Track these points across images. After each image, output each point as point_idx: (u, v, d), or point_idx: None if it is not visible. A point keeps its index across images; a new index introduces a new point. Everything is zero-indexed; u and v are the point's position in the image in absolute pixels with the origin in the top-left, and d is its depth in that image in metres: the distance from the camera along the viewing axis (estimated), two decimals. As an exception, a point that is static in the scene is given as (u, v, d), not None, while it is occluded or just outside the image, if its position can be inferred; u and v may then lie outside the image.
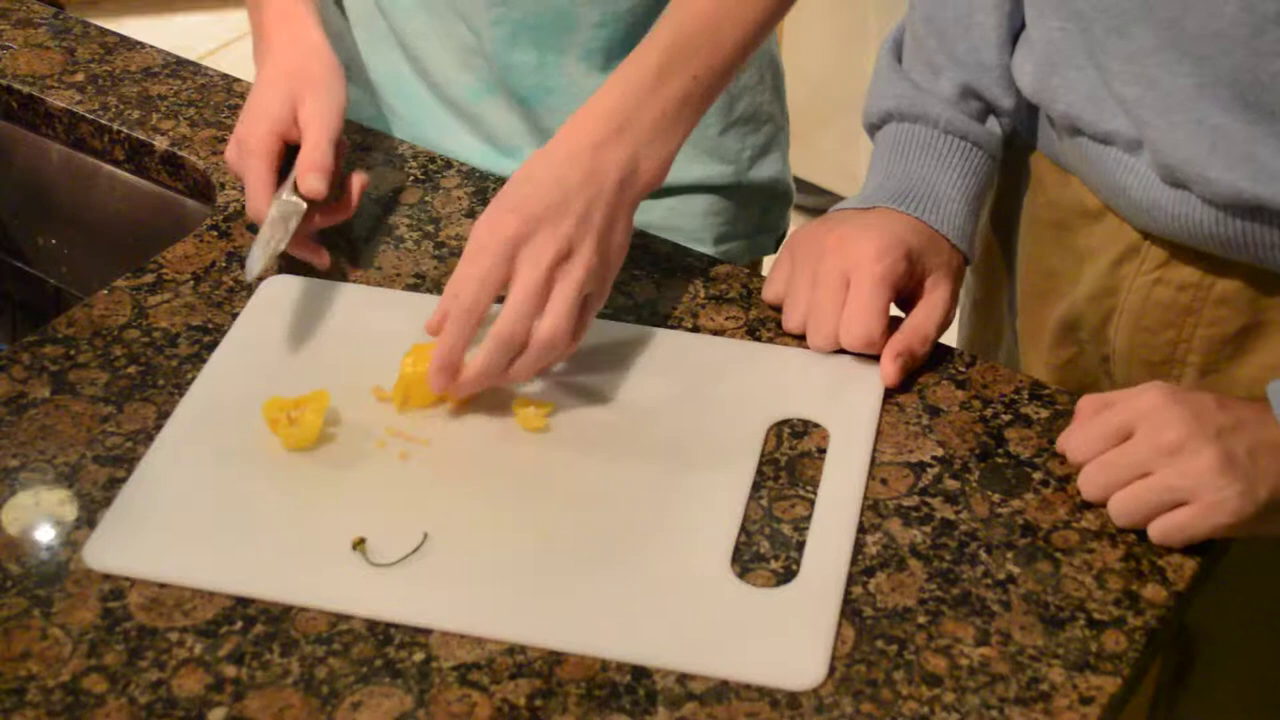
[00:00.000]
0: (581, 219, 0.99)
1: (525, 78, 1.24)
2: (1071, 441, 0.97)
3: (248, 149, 1.11)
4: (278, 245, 1.06)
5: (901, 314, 1.07)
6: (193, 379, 1.03)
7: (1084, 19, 1.01)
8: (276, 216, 1.07)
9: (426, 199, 1.20)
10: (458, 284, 0.98)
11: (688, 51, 1.04)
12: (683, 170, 1.28)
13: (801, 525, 0.94)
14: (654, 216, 1.25)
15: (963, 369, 1.06)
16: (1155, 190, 1.02)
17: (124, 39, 1.36)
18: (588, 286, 1.00)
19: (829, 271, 1.04)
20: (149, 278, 1.12)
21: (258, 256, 1.06)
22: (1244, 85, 0.95)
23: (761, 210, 1.33)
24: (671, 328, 1.08)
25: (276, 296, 1.10)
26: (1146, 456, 0.92)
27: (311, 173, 1.08)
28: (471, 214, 1.18)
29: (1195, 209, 1.01)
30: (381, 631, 0.88)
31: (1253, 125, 0.96)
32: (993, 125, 1.13)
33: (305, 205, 1.08)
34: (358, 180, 1.13)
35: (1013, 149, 1.16)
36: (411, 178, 1.22)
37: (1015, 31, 1.11)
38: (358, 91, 1.34)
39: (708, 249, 1.28)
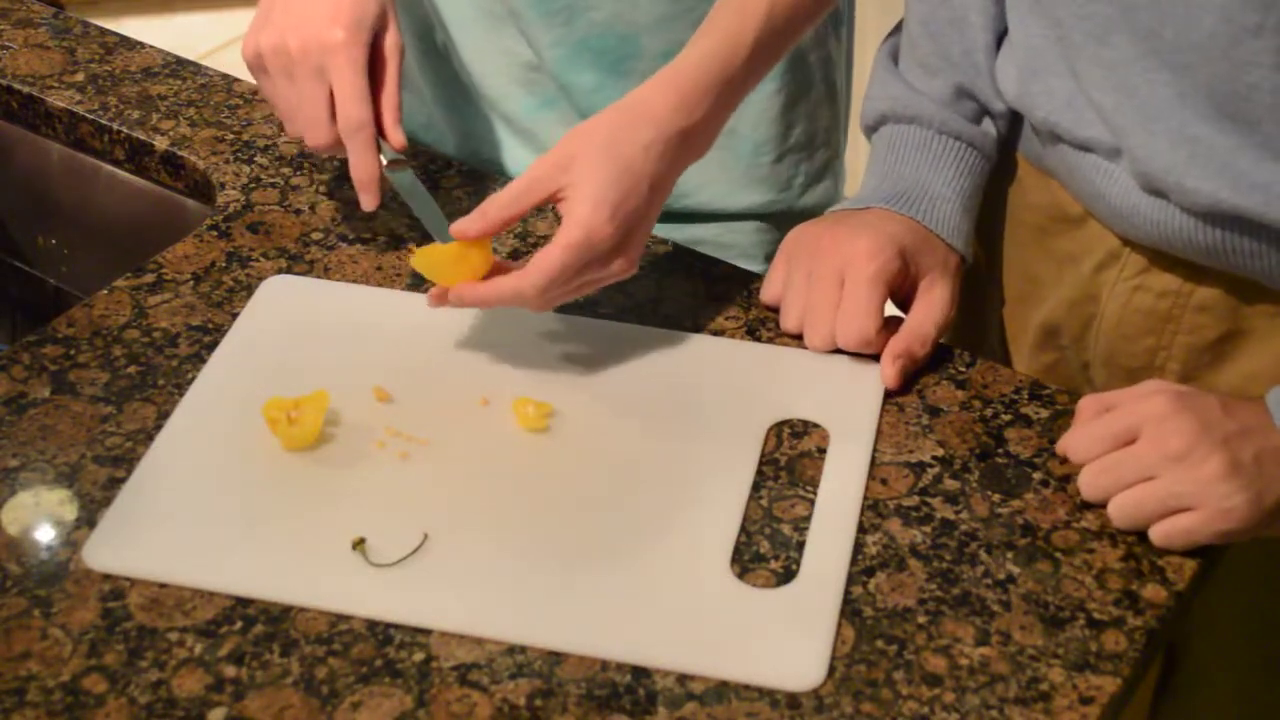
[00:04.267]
0: (648, 230, 1.02)
1: (585, 98, 1.24)
2: (1073, 442, 0.97)
3: (344, 57, 1.06)
4: (434, 212, 1.09)
5: (902, 314, 1.07)
6: (193, 379, 1.03)
7: (1063, 26, 1.01)
8: (405, 186, 1.10)
9: (426, 199, 1.20)
10: (551, 264, 0.98)
11: (764, 58, 1.05)
12: (733, 197, 1.28)
13: (801, 525, 0.94)
14: (706, 234, 1.25)
15: (963, 369, 1.06)
16: (1134, 197, 1.02)
17: (124, 39, 1.36)
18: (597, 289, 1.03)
19: (824, 271, 1.05)
20: (149, 278, 1.12)
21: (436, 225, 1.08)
22: (1222, 95, 0.95)
23: None
24: (671, 328, 1.08)
25: (276, 296, 1.10)
26: (1152, 461, 0.92)
27: (398, 124, 1.09)
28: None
29: (1174, 217, 1.01)
30: (381, 631, 0.88)
31: (1231, 135, 0.96)
32: (987, 126, 1.13)
33: (410, 162, 1.10)
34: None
35: (998, 152, 1.16)
36: (411, 178, 1.22)
37: (1005, 35, 1.11)
38: (411, 99, 1.33)
39: (759, 266, 1.27)
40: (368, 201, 1.09)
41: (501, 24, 1.23)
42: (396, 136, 1.10)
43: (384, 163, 1.10)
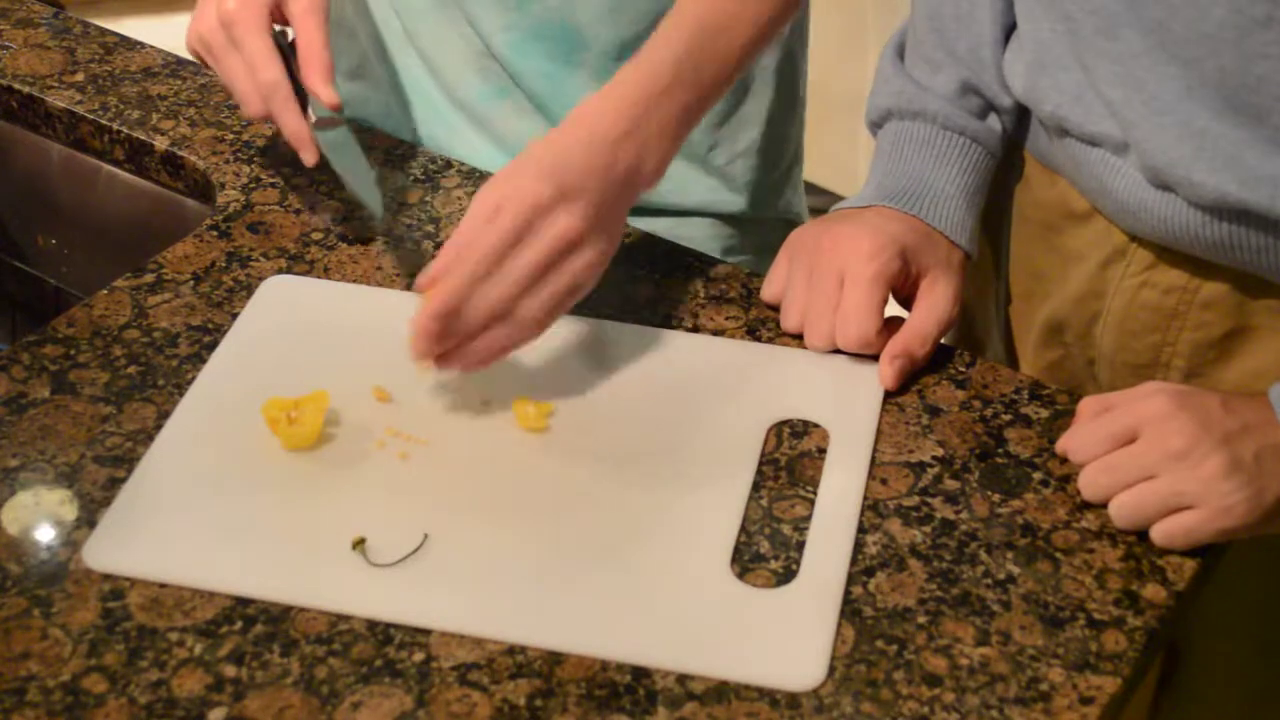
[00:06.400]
0: (597, 206, 0.99)
1: (536, 83, 1.24)
2: (1073, 442, 0.97)
3: (244, 24, 1.07)
4: (365, 171, 1.08)
5: (905, 314, 1.07)
6: (193, 379, 1.03)
7: (1072, 20, 1.01)
8: (337, 144, 1.08)
9: (427, 199, 1.20)
10: (469, 235, 0.96)
11: (700, 58, 1.04)
12: (684, 193, 1.28)
13: (801, 525, 0.94)
14: (658, 227, 1.25)
15: (963, 369, 1.05)
16: (1142, 192, 1.02)
17: (124, 39, 1.36)
18: (580, 278, 1.00)
19: (824, 271, 1.05)
20: (149, 278, 1.12)
21: (370, 197, 1.07)
22: (1231, 88, 0.95)
23: (770, 234, 1.32)
24: (671, 328, 1.08)
25: (276, 296, 1.10)
26: (1152, 461, 0.92)
27: (327, 83, 1.08)
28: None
29: (1181, 211, 1.01)
30: (381, 631, 0.88)
31: (1239, 128, 0.96)
32: (992, 122, 1.13)
33: (343, 119, 1.08)
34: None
35: (1003, 148, 1.16)
36: (412, 178, 1.22)
37: (1012, 29, 1.11)
38: (369, 88, 1.34)
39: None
40: (306, 158, 1.09)
41: (454, 10, 1.24)
42: (326, 94, 1.09)
43: (314, 119, 1.09)
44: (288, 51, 1.12)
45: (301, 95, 1.11)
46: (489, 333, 0.98)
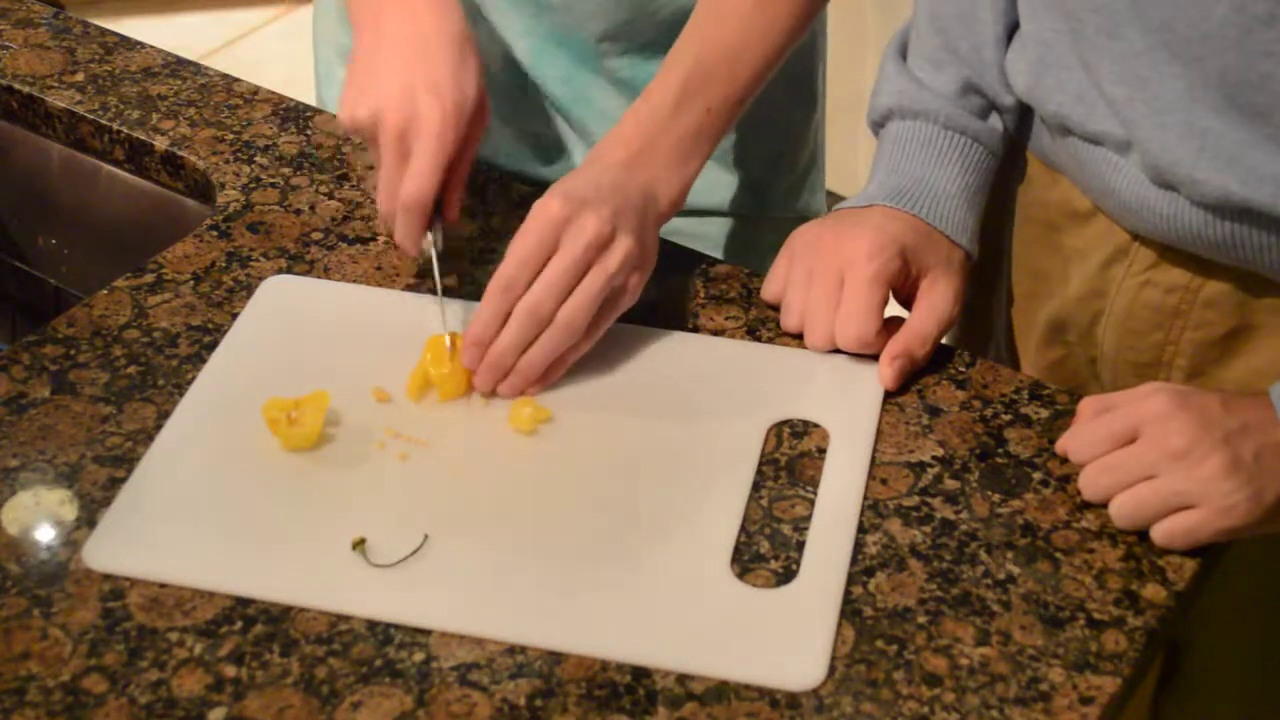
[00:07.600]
0: (619, 211, 1.02)
1: (557, 87, 1.25)
2: (1073, 442, 0.97)
3: (430, 125, 1.03)
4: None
5: (906, 313, 1.07)
6: (193, 379, 1.03)
7: (1075, 20, 1.01)
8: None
9: (426, 199, 1.20)
10: (502, 266, 1.01)
11: (704, 83, 1.08)
12: (705, 193, 1.29)
13: (801, 525, 0.94)
14: (678, 226, 1.25)
15: (963, 369, 1.06)
16: (1144, 191, 1.02)
17: (124, 39, 1.36)
18: (618, 278, 1.02)
19: (824, 270, 1.05)
20: (149, 278, 1.12)
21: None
22: (1233, 87, 0.95)
23: (788, 234, 1.32)
24: (671, 328, 1.08)
25: (276, 296, 1.10)
26: (1153, 460, 0.92)
27: (456, 198, 1.08)
28: (471, 214, 1.18)
29: (1184, 210, 1.01)
30: (381, 631, 0.88)
31: (1242, 127, 0.96)
32: (994, 121, 1.13)
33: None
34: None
35: (1005, 148, 1.16)
36: (411, 178, 1.22)
37: (1014, 29, 1.11)
38: None
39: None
40: (407, 250, 1.08)
41: (477, 16, 1.24)
42: (452, 208, 1.07)
43: (429, 238, 1.07)
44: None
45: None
46: (535, 345, 1.00)
